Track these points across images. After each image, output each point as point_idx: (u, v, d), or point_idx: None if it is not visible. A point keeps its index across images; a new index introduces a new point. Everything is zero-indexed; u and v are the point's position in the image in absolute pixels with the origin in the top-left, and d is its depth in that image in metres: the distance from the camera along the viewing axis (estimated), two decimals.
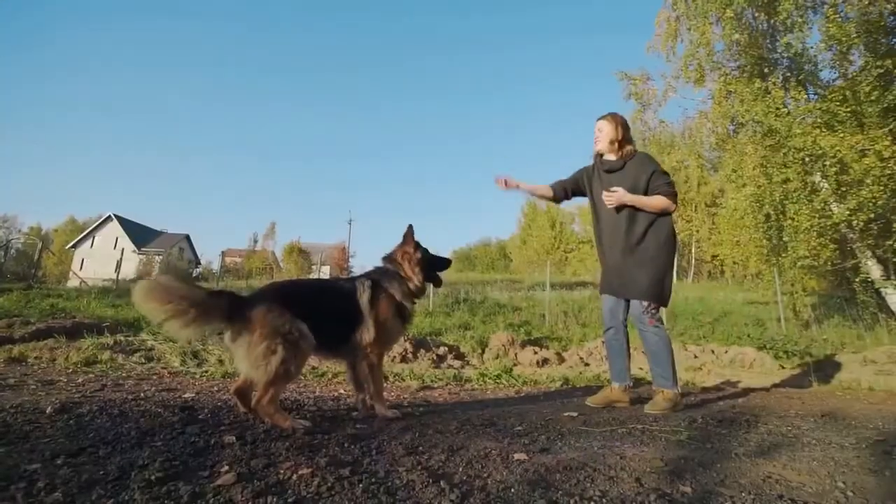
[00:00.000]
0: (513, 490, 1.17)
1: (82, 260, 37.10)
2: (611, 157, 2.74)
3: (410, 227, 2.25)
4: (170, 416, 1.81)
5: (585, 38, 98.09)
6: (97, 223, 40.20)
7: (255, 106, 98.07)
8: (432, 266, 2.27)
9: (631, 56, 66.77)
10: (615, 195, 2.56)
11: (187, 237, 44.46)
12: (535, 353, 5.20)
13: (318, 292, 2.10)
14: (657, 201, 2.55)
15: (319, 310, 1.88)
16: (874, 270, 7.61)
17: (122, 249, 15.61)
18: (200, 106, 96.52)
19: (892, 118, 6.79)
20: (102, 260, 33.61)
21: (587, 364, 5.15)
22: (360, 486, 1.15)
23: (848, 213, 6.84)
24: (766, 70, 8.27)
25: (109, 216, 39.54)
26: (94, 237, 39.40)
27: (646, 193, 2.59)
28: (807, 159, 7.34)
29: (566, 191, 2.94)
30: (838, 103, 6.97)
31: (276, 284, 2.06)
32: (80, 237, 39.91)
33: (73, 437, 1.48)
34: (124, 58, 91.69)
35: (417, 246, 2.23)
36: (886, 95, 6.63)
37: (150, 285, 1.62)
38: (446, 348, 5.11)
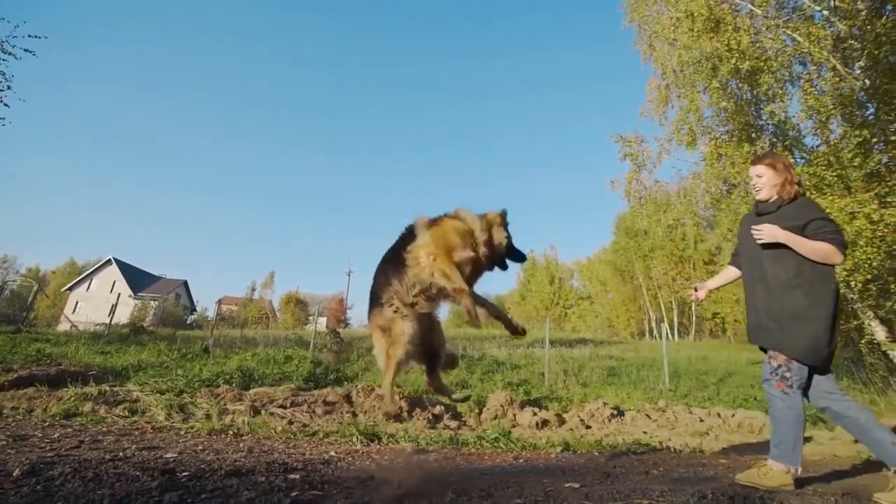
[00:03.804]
0: None
1: (76, 303, 36.60)
2: (767, 199, 2.42)
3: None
4: (148, 481, 1.70)
5: (591, 84, 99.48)
6: (96, 266, 40.05)
7: (263, 152, 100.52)
8: None
9: (624, 110, 70.15)
10: (766, 229, 2.27)
11: (185, 283, 44.22)
12: (535, 413, 4.99)
13: None
14: (819, 246, 2.20)
15: None
16: (878, 332, 7.50)
17: (119, 294, 15.39)
18: (210, 148, 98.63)
19: (877, 182, 7.00)
20: (97, 303, 33.20)
21: (588, 427, 4.92)
22: None
23: (845, 273, 6.86)
24: (753, 135, 8.67)
25: (109, 259, 39.48)
26: (91, 280, 39.09)
27: None
28: None
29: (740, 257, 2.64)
30: (824, 167, 7.22)
31: None
32: (76, 280, 39.60)
33: None
34: (135, 83, 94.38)
35: None
36: (868, 162, 6.88)
37: None
38: (443, 407, 4.92)
